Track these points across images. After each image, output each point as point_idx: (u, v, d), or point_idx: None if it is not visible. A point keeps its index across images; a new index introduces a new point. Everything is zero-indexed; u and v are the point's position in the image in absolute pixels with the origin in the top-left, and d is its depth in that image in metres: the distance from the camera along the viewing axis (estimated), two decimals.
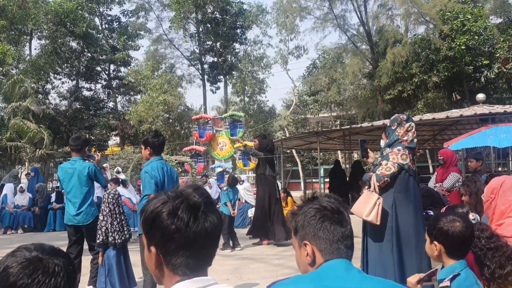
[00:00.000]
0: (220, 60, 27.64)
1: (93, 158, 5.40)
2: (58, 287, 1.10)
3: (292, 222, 1.53)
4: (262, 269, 6.27)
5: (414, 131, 3.90)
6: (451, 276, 2.12)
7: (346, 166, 16.82)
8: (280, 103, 56.66)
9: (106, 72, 27.58)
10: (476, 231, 2.32)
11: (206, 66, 28.86)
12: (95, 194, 5.98)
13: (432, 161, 19.00)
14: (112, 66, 27.65)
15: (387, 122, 4.16)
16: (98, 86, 28.05)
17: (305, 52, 30.13)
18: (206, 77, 28.80)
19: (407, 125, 3.89)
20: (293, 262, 5.82)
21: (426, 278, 2.19)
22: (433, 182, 7.05)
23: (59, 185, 5.62)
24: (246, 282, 5.49)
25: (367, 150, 4.26)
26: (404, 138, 3.86)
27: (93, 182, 5.15)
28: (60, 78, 26.49)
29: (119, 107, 27.99)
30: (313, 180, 20.46)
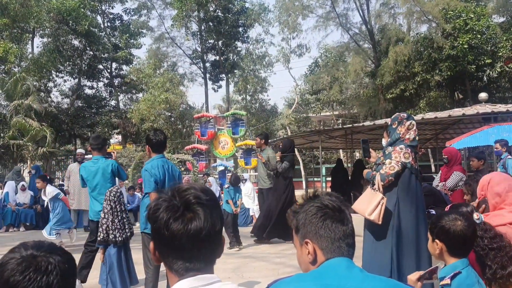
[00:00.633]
0: (222, 58, 27.63)
1: (110, 156, 5.64)
2: (51, 285, 1.10)
3: (293, 221, 1.52)
4: (264, 267, 6.27)
5: (416, 129, 3.89)
6: (452, 274, 2.11)
7: (348, 165, 16.81)
8: (282, 102, 56.58)
9: (108, 70, 27.60)
10: (479, 231, 2.32)
11: (208, 65, 28.87)
12: None
13: (434, 160, 18.97)
14: (114, 64, 27.69)
15: (389, 121, 4.16)
16: (100, 84, 28.15)
17: (307, 50, 30.08)
18: (208, 75, 28.83)
19: (408, 123, 3.88)
20: (294, 261, 5.80)
21: (426, 276, 2.18)
22: (437, 181, 7.03)
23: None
24: (247, 280, 5.48)
25: (369, 149, 4.26)
26: (406, 137, 3.85)
27: (115, 179, 5.36)
28: (62, 76, 26.55)
29: (121, 106, 28.02)
30: (314, 179, 20.44)
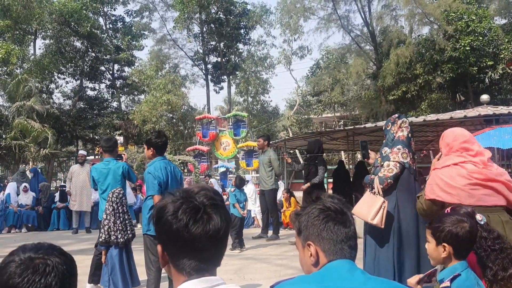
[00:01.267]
0: (223, 60, 27.67)
1: (121, 158, 5.67)
2: (49, 286, 1.11)
3: (295, 223, 1.53)
4: (265, 269, 6.26)
5: (408, 126, 3.95)
6: (452, 276, 2.11)
7: (350, 166, 16.80)
8: (283, 103, 56.60)
9: (110, 72, 27.64)
10: (483, 232, 2.32)
11: (209, 66, 28.91)
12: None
13: None
14: (116, 66, 27.72)
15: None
16: (102, 85, 28.16)
17: (308, 52, 30.11)
18: (209, 77, 28.87)
19: (400, 121, 3.96)
20: (296, 263, 5.81)
21: (426, 279, 2.19)
22: None
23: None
24: (249, 282, 5.48)
25: (368, 151, 4.30)
26: (399, 134, 3.90)
27: (125, 181, 5.39)
28: (64, 78, 26.57)
29: (123, 107, 28.04)
30: None
